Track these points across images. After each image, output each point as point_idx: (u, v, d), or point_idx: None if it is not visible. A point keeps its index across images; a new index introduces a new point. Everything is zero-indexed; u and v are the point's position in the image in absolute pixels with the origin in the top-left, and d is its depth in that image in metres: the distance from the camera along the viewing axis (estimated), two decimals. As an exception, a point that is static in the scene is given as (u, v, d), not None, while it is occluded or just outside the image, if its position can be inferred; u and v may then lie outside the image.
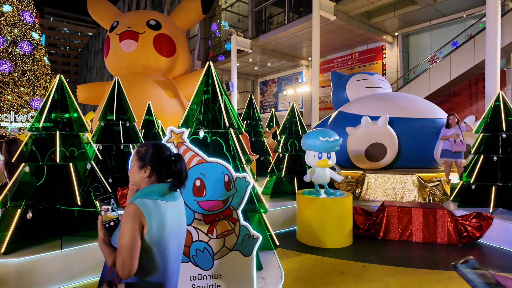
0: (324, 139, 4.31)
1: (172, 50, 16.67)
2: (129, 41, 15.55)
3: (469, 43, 12.29)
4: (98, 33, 38.85)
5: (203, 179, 2.15)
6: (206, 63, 3.07)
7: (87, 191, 3.68)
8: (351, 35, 17.03)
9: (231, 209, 2.23)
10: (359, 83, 8.29)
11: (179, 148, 2.14)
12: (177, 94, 16.79)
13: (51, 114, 3.42)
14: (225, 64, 21.87)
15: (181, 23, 17.82)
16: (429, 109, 6.80)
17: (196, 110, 2.95)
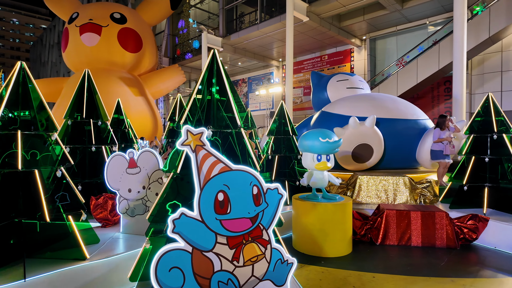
0: (324, 140, 4.04)
1: (138, 45, 15.71)
2: (90, 34, 14.38)
3: (434, 48, 12.89)
4: (54, 25, 35.83)
5: (227, 191, 1.74)
6: (210, 51, 2.64)
7: (53, 201, 3.06)
8: (322, 37, 17.21)
9: (261, 228, 1.83)
10: (340, 83, 8.22)
11: (197, 153, 1.71)
12: (143, 92, 15.83)
13: (10, 110, 2.77)
14: (193, 62, 21.15)
15: (148, 18, 16.86)
16: (412, 110, 6.87)
17: (199, 106, 2.50)
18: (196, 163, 1.71)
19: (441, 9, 14.44)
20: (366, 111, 6.56)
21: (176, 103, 8.83)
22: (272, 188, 1.86)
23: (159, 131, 16.67)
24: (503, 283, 3.22)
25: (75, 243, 2.93)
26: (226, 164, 1.76)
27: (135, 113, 14.16)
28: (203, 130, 1.73)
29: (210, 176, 1.72)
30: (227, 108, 2.55)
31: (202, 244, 1.72)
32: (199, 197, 1.71)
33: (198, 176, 1.71)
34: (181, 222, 1.67)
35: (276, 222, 1.87)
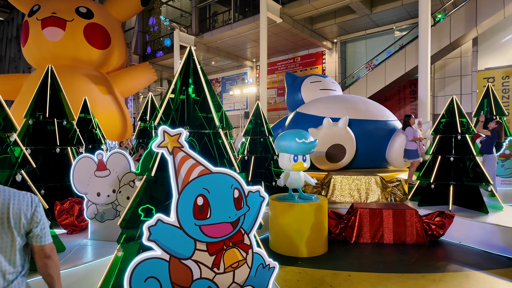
0: (300, 141, 4.05)
1: (106, 42, 15.06)
2: (54, 29, 13.59)
3: (401, 52, 13.46)
4: (12, 18, 33.44)
5: (207, 195, 1.66)
6: (186, 48, 2.54)
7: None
8: (295, 39, 17.42)
9: (242, 233, 1.77)
10: (314, 84, 8.35)
11: (175, 155, 1.62)
12: (112, 90, 15.21)
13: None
14: (164, 61, 20.64)
15: (117, 14, 16.23)
16: (382, 111, 7.10)
17: (174, 106, 2.40)
18: (173, 166, 1.62)
19: (406, 15, 15.11)
20: (339, 112, 6.70)
21: (147, 102, 8.54)
22: (254, 190, 1.81)
23: (129, 131, 16.09)
24: (468, 277, 3.39)
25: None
26: (205, 167, 1.69)
27: (103, 112, 13.55)
28: (181, 131, 1.64)
29: (188, 180, 1.64)
30: (204, 107, 2.46)
31: (180, 251, 1.64)
32: (177, 202, 1.62)
33: (175, 179, 1.62)
34: (157, 229, 1.57)
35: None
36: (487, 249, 4.10)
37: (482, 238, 4.17)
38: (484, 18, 11.30)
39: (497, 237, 4.02)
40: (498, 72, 13.00)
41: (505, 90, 12.75)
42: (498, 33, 13.05)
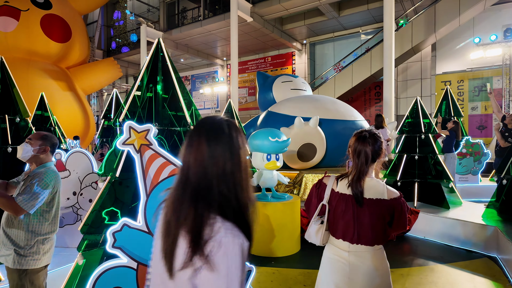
0: (273, 140, 4.02)
1: (66, 35, 14.14)
2: (6, 18, 12.54)
3: (367, 55, 13.97)
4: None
5: (178, 196, 1.55)
6: (155, 39, 2.39)
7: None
8: (265, 39, 17.48)
9: None
10: (285, 84, 8.39)
11: (142, 153, 1.48)
12: (73, 86, 14.31)
13: None
14: (130, 57, 19.84)
15: (79, 6, 15.30)
16: (350, 111, 7.29)
17: (141, 102, 2.24)
18: (141, 165, 1.49)
19: (372, 20, 15.71)
20: (310, 112, 6.77)
21: (111, 100, 8.12)
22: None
23: (92, 129, 15.26)
24: (433, 270, 3.54)
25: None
26: (177, 166, 1.57)
27: (63, 110, 12.71)
28: (149, 127, 1.52)
29: (158, 180, 1.52)
30: (174, 105, 2.33)
31: (149, 258, 1.51)
32: (145, 204, 1.49)
33: (143, 180, 1.49)
34: (123, 235, 1.44)
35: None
36: (448, 242, 4.32)
37: (444, 232, 4.39)
38: (442, 25, 12.03)
39: (457, 231, 4.25)
40: (454, 76, 13.90)
41: (460, 93, 13.66)
42: (453, 40, 13.97)
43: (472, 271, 3.47)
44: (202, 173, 0.84)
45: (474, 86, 13.41)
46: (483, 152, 6.99)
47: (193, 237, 0.78)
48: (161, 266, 0.84)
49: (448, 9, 11.82)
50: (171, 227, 0.83)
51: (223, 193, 0.83)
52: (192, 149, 0.86)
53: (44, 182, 1.95)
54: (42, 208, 2.01)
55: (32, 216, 1.98)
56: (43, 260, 2.05)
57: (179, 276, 0.80)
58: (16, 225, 1.96)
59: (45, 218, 2.05)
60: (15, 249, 1.93)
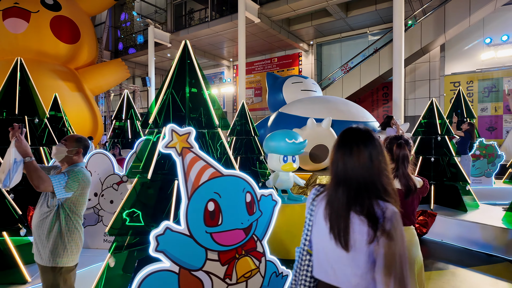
0: (290, 141, 4.00)
1: (75, 36, 14.24)
2: (16, 20, 12.66)
3: (375, 56, 13.90)
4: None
5: (218, 200, 1.53)
6: (182, 42, 2.39)
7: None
8: (272, 40, 17.48)
9: (255, 240, 1.66)
10: (295, 85, 8.37)
11: (184, 156, 1.47)
12: (81, 87, 14.40)
13: None
14: (138, 58, 19.93)
15: (87, 7, 15.41)
16: (361, 112, 7.25)
17: (169, 103, 2.24)
18: (182, 168, 1.48)
19: (380, 20, 15.64)
20: (321, 113, 6.75)
21: (122, 100, 8.15)
22: (266, 194, 1.71)
23: (99, 130, 15.34)
24: (454, 274, 3.50)
25: (12, 263, 2.43)
26: (217, 169, 1.56)
27: (71, 110, 12.78)
28: (190, 130, 1.51)
29: (198, 183, 1.51)
30: (202, 105, 2.32)
31: (190, 262, 1.50)
32: (187, 207, 1.48)
33: (185, 183, 1.48)
34: (165, 239, 1.43)
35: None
36: (467, 245, 4.27)
37: (462, 235, 4.34)
38: (451, 25, 11.93)
39: (476, 234, 4.20)
40: (463, 77, 13.79)
41: (469, 94, 13.54)
42: (463, 40, 13.85)
43: (494, 275, 3.43)
44: (365, 172, 1.11)
45: (484, 87, 13.29)
46: (497, 154, 6.91)
47: (371, 220, 1.06)
48: (331, 244, 1.11)
49: (458, 10, 11.72)
50: (341, 215, 1.10)
51: (382, 183, 1.11)
52: (353, 154, 1.14)
53: (76, 176, 2.02)
54: (73, 206, 2.04)
55: (64, 213, 2.01)
56: (74, 259, 2.08)
57: (355, 248, 1.06)
58: (49, 224, 1.98)
59: (77, 216, 2.09)
60: (50, 247, 1.95)
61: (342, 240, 1.08)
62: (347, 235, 1.08)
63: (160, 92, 2.34)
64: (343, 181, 1.14)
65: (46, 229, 2.00)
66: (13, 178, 1.87)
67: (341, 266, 1.10)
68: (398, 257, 1.02)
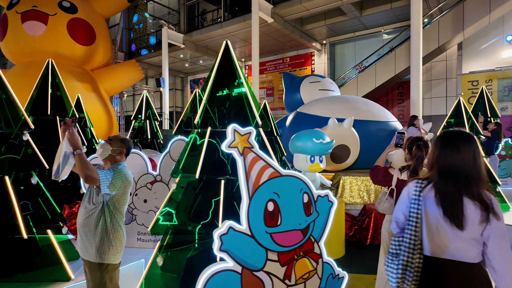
0: (318, 141, 3.97)
1: (91, 38, 14.45)
2: (34, 23, 12.90)
3: (391, 55, 13.74)
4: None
5: (277, 200, 1.52)
6: (223, 42, 2.39)
7: (26, 213, 2.56)
8: (284, 40, 17.44)
9: (312, 241, 1.64)
10: (313, 85, 8.32)
11: (245, 156, 1.47)
12: (97, 88, 14.60)
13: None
14: (150, 59, 20.13)
15: (102, 10, 15.63)
16: (382, 112, 7.16)
17: (213, 103, 2.24)
18: (244, 168, 1.47)
19: (395, 19, 15.45)
20: (341, 113, 6.69)
21: (141, 101, 8.23)
22: (323, 195, 1.69)
23: (114, 130, 15.55)
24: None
25: (56, 261, 2.46)
26: (275, 169, 1.54)
27: (88, 110, 12.92)
28: (251, 129, 1.50)
29: (259, 183, 1.49)
30: (244, 105, 2.32)
31: (252, 262, 1.49)
32: (248, 207, 1.47)
33: (246, 183, 1.47)
34: (228, 238, 1.42)
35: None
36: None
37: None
38: (470, 23, 11.71)
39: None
40: (481, 76, 13.51)
41: (488, 93, 13.25)
42: (480, 38, 13.58)
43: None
44: (471, 166, 1.38)
45: (504, 86, 13.00)
46: (523, 154, 6.74)
47: (484, 204, 1.36)
48: (445, 225, 1.39)
49: (477, 7, 11.50)
50: (454, 201, 1.38)
51: (483, 175, 1.40)
52: (460, 152, 1.40)
53: (120, 174, 2.06)
54: (116, 203, 2.08)
55: (109, 211, 2.05)
56: (119, 257, 2.11)
57: (468, 227, 1.35)
58: (94, 221, 2.01)
59: (120, 213, 2.12)
60: (96, 244, 1.99)
61: (458, 221, 1.36)
62: (462, 217, 1.35)
63: (202, 93, 2.34)
64: (451, 174, 1.40)
65: (92, 226, 2.02)
66: (63, 170, 1.91)
67: (455, 243, 1.38)
68: (504, 233, 1.36)
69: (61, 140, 1.94)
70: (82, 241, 2.05)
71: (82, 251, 2.06)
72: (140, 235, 3.23)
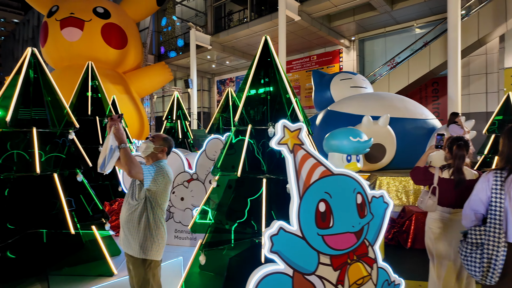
0: (355, 140, 3.83)
1: (123, 41, 14.99)
2: (72, 29, 13.56)
3: (425, 50, 13.11)
4: (27, 20, 33.93)
5: (329, 201, 1.44)
6: (263, 37, 2.33)
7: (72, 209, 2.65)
8: (311, 37, 17.17)
9: (366, 244, 1.55)
10: (344, 82, 8.09)
11: (295, 153, 1.40)
12: (128, 89, 15.12)
13: (23, 103, 2.33)
14: (178, 61, 20.57)
15: (133, 14, 16.16)
16: (420, 109, 6.83)
17: (253, 102, 2.19)
18: (294, 166, 1.40)
19: (428, 12, 14.74)
20: (376, 110, 6.44)
21: (172, 102, 8.40)
22: (377, 196, 1.58)
23: (146, 130, 16.03)
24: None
25: (99, 256, 2.52)
26: (327, 167, 1.46)
27: (121, 111, 13.47)
28: (301, 125, 1.43)
29: (310, 182, 1.42)
30: (287, 105, 2.25)
31: (304, 265, 1.42)
32: (299, 207, 1.40)
33: (297, 181, 1.40)
34: (279, 239, 1.36)
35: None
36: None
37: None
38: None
39: None
40: (527, 70, 12.57)
41: (534, 88, 12.31)
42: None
43: None
44: None
45: (553, 80, 12.00)
46: None
47: None
48: None
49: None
50: None
51: None
52: None
53: (162, 171, 2.08)
54: (158, 200, 2.10)
55: (151, 207, 2.06)
56: (161, 253, 2.12)
57: None
58: (137, 217, 2.03)
59: (161, 210, 2.13)
60: (140, 240, 2.01)
61: None
62: None
63: (242, 91, 2.30)
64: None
65: (135, 222, 2.04)
66: (108, 164, 1.95)
67: None
68: None
69: (107, 135, 1.99)
70: (126, 237, 2.07)
71: (125, 246, 2.09)
72: (178, 232, 3.25)
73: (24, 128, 2.27)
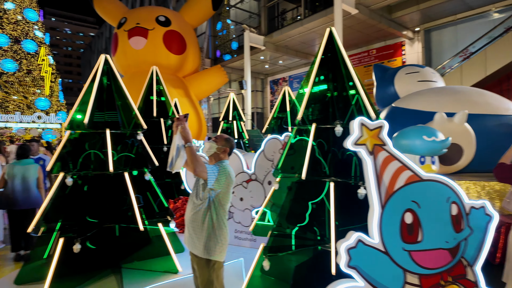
0: (430, 139, 3.43)
1: (182, 47, 15.79)
2: (138, 38, 14.69)
3: (506, 37, 11.52)
4: (101, 32, 38.08)
5: (417, 211, 1.24)
6: (326, 30, 2.16)
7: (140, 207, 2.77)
8: (370, 31, 16.24)
9: (463, 264, 1.31)
10: (409, 76, 7.43)
11: (376, 154, 1.23)
12: (188, 93, 15.88)
13: (98, 107, 2.48)
14: (233, 63, 21.05)
15: (191, 20, 16.96)
16: (505, 104, 5.94)
17: (316, 100, 2.03)
18: (374, 169, 1.23)
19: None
20: (450, 106, 5.75)
21: (229, 103, 8.55)
22: (477, 206, 1.33)
23: (203, 131, 16.70)
24: None
25: (165, 252, 2.59)
26: (414, 172, 1.26)
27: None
28: (382, 123, 1.25)
29: (393, 189, 1.24)
30: (350, 98, 2.05)
31: (387, 284, 1.24)
32: (381, 217, 1.23)
33: (378, 188, 1.23)
34: (358, 253, 1.20)
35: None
36: None
37: None
38: None
39: None
40: None
41: None
42: None
43: None
44: None
45: None
46: None
47: None
48: None
49: None
50: None
51: None
52: None
53: (225, 171, 2.08)
54: (221, 200, 2.09)
55: (214, 207, 2.06)
56: (224, 254, 2.10)
57: None
58: (201, 216, 2.03)
59: (224, 211, 2.13)
60: (204, 240, 2.01)
61: None
62: None
63: (303, 88, 2.17)
64: None
65: (199, 222, 2.05)
66: (176, 162, 1.99)
67: None
68: None
69: (171, 134, 2.04)
70: (190, 236, 2.09)
71: (190, 245, 2.11)
72: (238, 233, 3.24)
73: (99, 129, 2.42)
